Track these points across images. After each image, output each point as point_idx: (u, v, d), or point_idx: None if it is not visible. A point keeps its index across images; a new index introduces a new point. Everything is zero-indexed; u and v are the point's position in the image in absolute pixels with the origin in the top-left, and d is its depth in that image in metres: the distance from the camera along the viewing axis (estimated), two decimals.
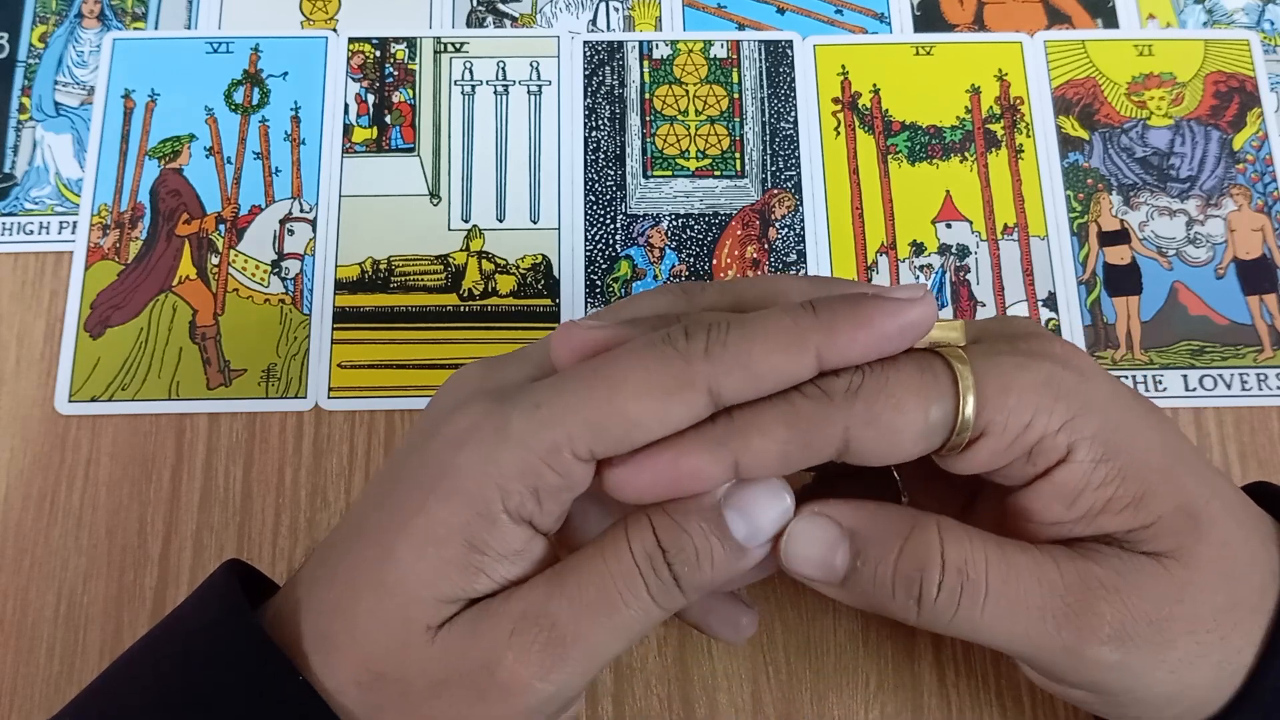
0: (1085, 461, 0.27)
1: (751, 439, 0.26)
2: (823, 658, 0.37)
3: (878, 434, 0.26)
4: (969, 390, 0.26)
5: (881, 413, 0.26)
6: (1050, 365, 0.27)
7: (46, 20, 0.46)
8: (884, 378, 0.27)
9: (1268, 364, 0.42)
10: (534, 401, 0.26)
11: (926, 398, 0.26)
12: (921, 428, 0.26)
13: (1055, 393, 0.27)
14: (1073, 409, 0.27)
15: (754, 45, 0.46)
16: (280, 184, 0.44)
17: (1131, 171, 0.44)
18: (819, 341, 0.26)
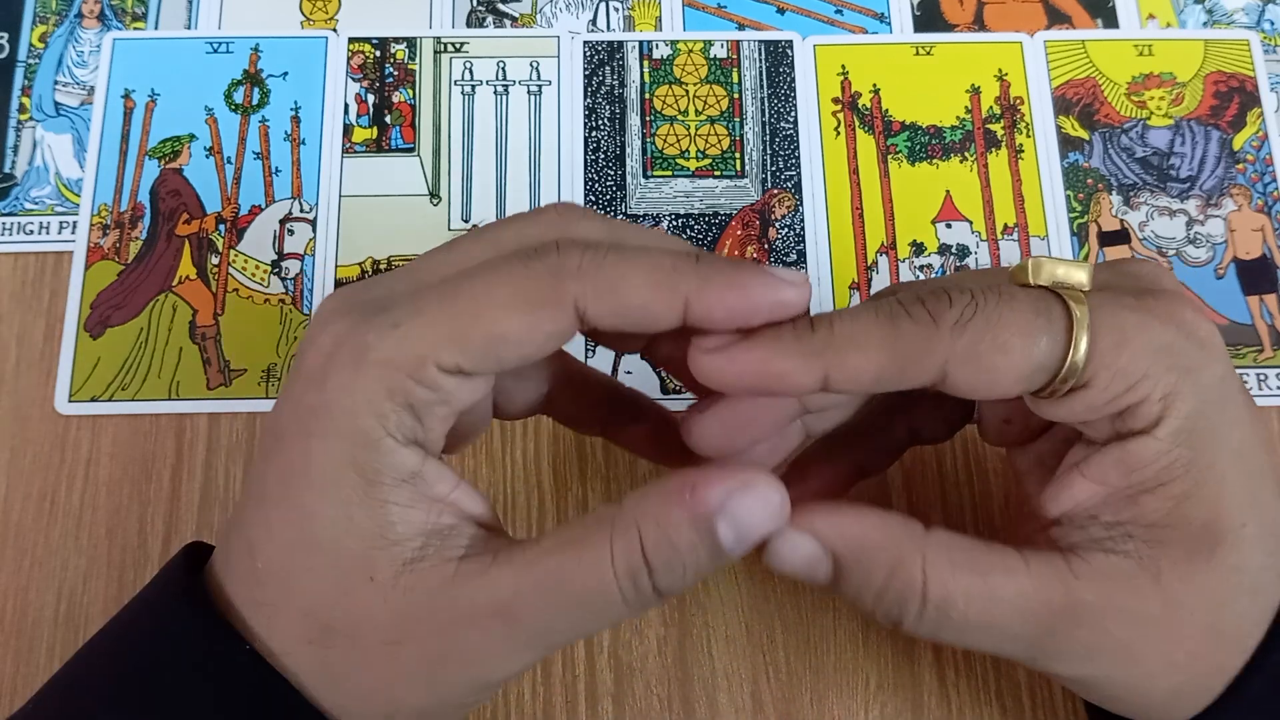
0: (1165, 439, 0.26)
1: (848, 355, 0.25)
2: (823, 658, 0.37)
3: (977, 371, 0.25)
4: (1081, 340, 0.25)
5: (985, 352, 0.25)
6: (1174, 331, 0.26)
7: (46, 20, 0.46)
8: (996, 314, 0.26)
9: (1268, 364, 0.41)
10: (392, 321, 0.25)
11: (1034, 341, 0.25)
12: (1024, 371, 0.25)
13: (1170, 361, 0.26)
14: (1181, 385, 0.26)
15: (754, 45, 0.46)
16: (280, 184, 0.44)
17: (1131, 171, 0.44)
18: (690, 290, 0.25)
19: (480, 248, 0.27)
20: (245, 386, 0.41)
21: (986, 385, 0.26)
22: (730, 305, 0.25)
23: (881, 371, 0.26)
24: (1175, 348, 0.26)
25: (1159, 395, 0.26)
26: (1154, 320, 0.26)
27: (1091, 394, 0.26)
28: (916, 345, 0.25)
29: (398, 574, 0.25)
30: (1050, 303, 0.26)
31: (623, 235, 0.27)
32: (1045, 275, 0.27)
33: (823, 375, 0.25)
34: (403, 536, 0.26)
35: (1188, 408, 0.26)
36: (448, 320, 0.25)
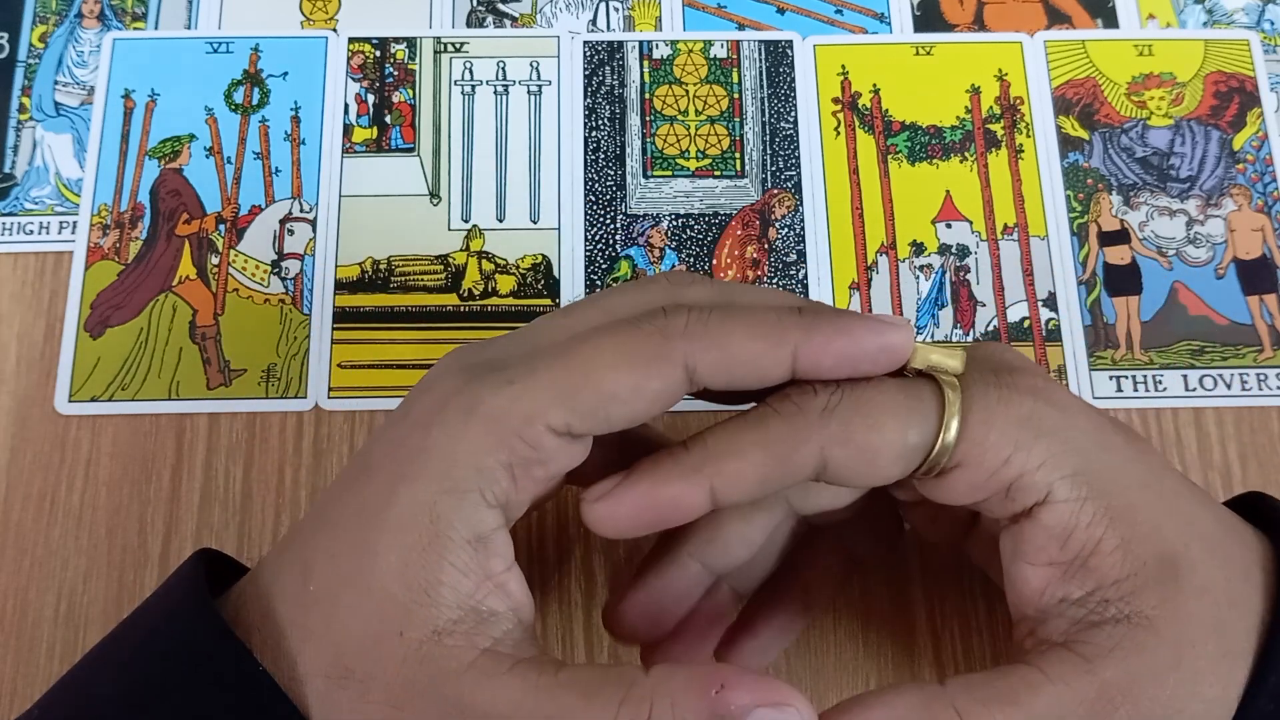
0: (1070, 500, 0.27)
1: (726, 463, 0.26)
2: (823, 658, 0.37)
3: (853, 453, 0.26)
4: (953, 418, 0.27)
5: (856, 432, 0.26)
6: (1032, 401, 0.27)
7: (46, 20, 0.46)
8: (863, 397, 0.27)
9: (1268, 364, 0.42)
10: (506, 378, 0.26)
11: (905, 421, 0.27)
12: (898, 450, 0.27)
13: (1035, 430, 0.27)
14: (1053, 448, 0.27)
15: (754, 45, 0.46)
16: (280, 184, 0.44)
17: (1131, 171, 0.44)
18: (798, 340, 0.26)
19: (593, 314, 0.28)
20: (245, 386, 0.41)
21: (866, 467, 0.27)
22: (838, 351, 0.26)
23: (763, 471, 0.26)
24: (1037, 415, 0.27)
25: (1036, 464, 0.27)
26: (1014, 394, 0.27)
27: (969, 472, 0.27)
28: (789, 436, 0.26)
29: (424, 639, 0.25)
30: (920, 385, 0.27)
31: (731, 295, 0.28)
32: (920, 360, 0.28)
33: (708, 489, 0.26)
34: (444, 601, 0.26)
35: (1073, 464, 0.27)
36: (560, 379, 0.26)
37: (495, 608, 0.26)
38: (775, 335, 0.26)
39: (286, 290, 0.42)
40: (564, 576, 0.38)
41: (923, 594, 0.37)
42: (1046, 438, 0.27)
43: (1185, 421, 0.41)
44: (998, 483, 0.27)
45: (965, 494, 0.28)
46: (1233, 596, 0.27)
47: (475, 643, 0.26)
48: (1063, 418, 0.28)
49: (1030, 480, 0.27)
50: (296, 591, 0.27)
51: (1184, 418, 0.41)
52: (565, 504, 0.39)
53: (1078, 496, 0.27)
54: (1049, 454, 0.27)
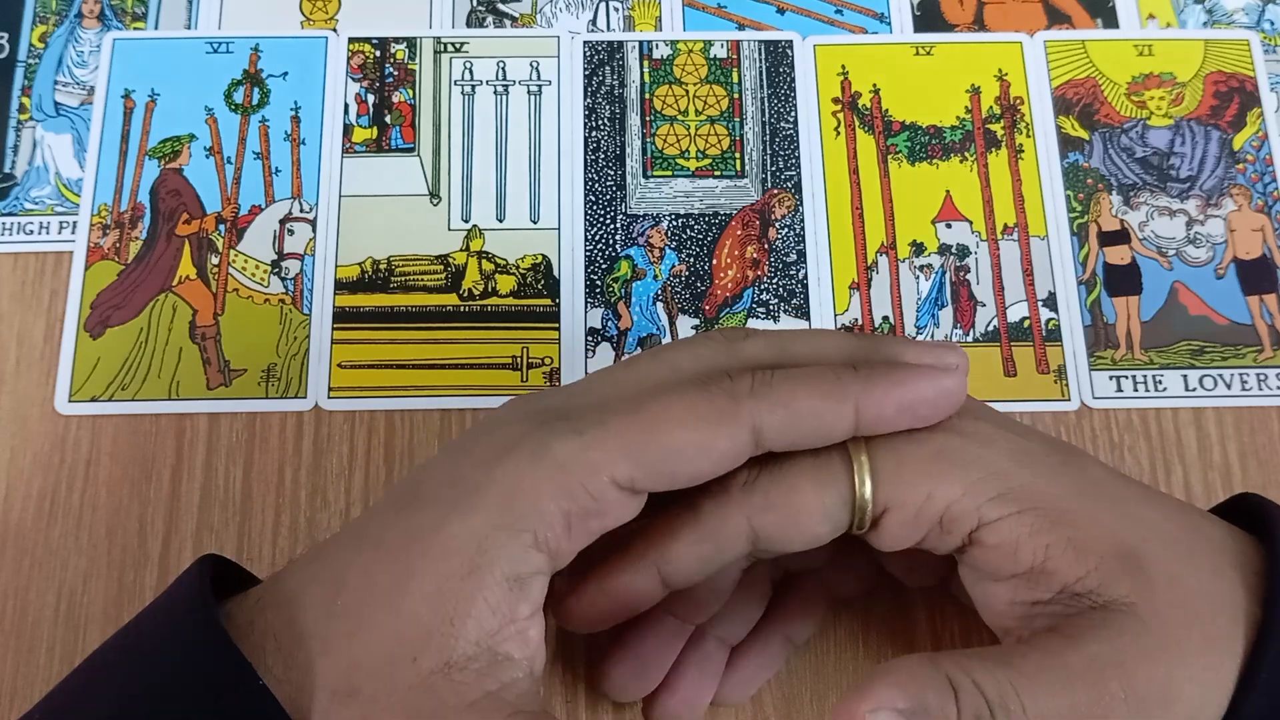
0: (1005, 517, 0.28)
1: (668, 548, 0.29)
2: (823, 658, 0.37)
3: (779, 519, 0.28)
4: (864, 469, 0.28)
5: (778, 499, 0.28)
6: (943, 436, 0.28)
7: (46, 20, 0.46)
8: (778, 468, 0.28)
9: (1268, 364, 0.42)
10: (575, 428, 0.27)
11: (821, 480, 0.28)
12: (821, 510, 0.28)
13: (949, 462, 0.28)
14: (971, 475, 0.28)
15: (754, 45, 0.46)
16: (280, 184, 0.44)
17: (1131, 171, 0.44)
18: (858, 393, 0.27)
19: (658, 369, 0.29)
20: (245, 386, 0.41)
21: (795, 530, 0.28)
22: (897, 402, 0.28)
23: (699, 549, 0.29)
24: (948, 449, 0.28)
25: (958, 493, 0.28)
26: (922, 434, 0.28)
27: (896, 515, 0.28)
28: (715, 513, 0.28)
29: (434, 670, 0.25)
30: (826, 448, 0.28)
31: (787, 347, 0.30)
32: None
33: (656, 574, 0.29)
34: (464, 635, 0.26)
35: (996, 487, 0.28)
36: (629, 434, 0.26)
37: (511, 653, 0.26)
38: (837, 393, 0.27)
39: (286, 290, 0.42)
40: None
41: (922, 594, 0.37)
42: (961, 468, 0.28)
43: (1185, 421, 0.41)
44: (927, 519, 0.28)
45: (903, 536, 0.28)
46: (1204, 591, 0.27)
47: (483, 684, 0.26)
48: (974, 446, 0.28)
49: (958, 509, 0.28)
50: (324, 603, 0.27)
51: (1184, 418, 0.41)
52: None
53: (1011, 513, 0.28)
54: (968, 482, 0.28)
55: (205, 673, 0.26)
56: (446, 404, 0.40)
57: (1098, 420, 0.41)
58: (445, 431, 0.40)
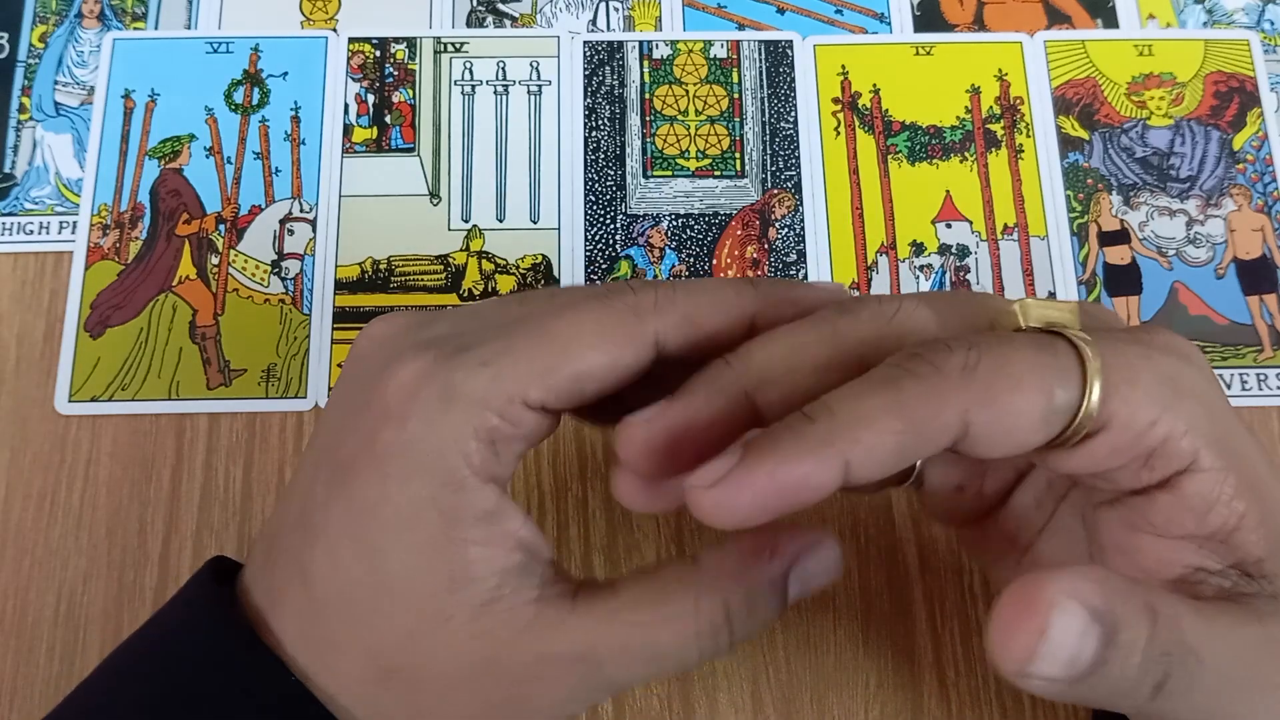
0: (1214, 469, 0.24)
1: (860, 434, 0.23)
2: (823, 658, 0.37)
3: (997, 416, 0.23)
4: (1096, 373, 0.24)
5: (1001, 392, 0.23)
6: (1176, 360, 0.25)
7: (46, 20, 0.46)
8: (1002, 354, 0.24)
9: (1268, 364, 0.42)
10: (479, 359, 0.26)
11: (1048, 377, 0.24)
12: (1044, 410, 0.24)
13: (1180, 390, 0.24)
14: (1197, 411, 0.24)
15: (754, 45, 0.46)
16: (280, 184, 0.44)
17: (1131, 171, 0.44)
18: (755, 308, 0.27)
19: (548, 293, 0.28)
20: (245, 386, 0.41)
21: (1009, 432, 0.24)
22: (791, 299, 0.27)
23: (901, 440, 0.23)
24: (1182, 375, 0.25)
25: (1183, 428, 0.24)
26: (1155, 352, 0.25)
27: (1113, 435, 0.24)
28: (929, 401, 0.23)
29: (475, 616, 0.25)
30: (1053, 340, 0.24)
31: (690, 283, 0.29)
32: (1036, 317, 0.26)
33: (842, 465, 0.23)
34: (480, 576, 0.26)
35: (1214, 431, 0.25)
36: (536, 359, 0.26)
37: (523, 560, 0.26)
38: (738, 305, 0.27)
39: (286, 290, 0.42)
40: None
41: (922, 594, 0.37)
42: (1190, 400, 0.24)
43: None
44: (1142, 447, 0.24)
45: (1105, 460, 0.25)
46: None
47: (524, 599, 0.26)
48: (1203, 379, 0.25)
49: (1176, 446, 0.24)
50: (300, 604, 0.27)
51: None
52: (564, 503, 0.39)
53: (1222, 466, 0.24)
54: (1194, 417, 0.24)
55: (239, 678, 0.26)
56: None
57: None
58: None
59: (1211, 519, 0.25)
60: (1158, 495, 0.25)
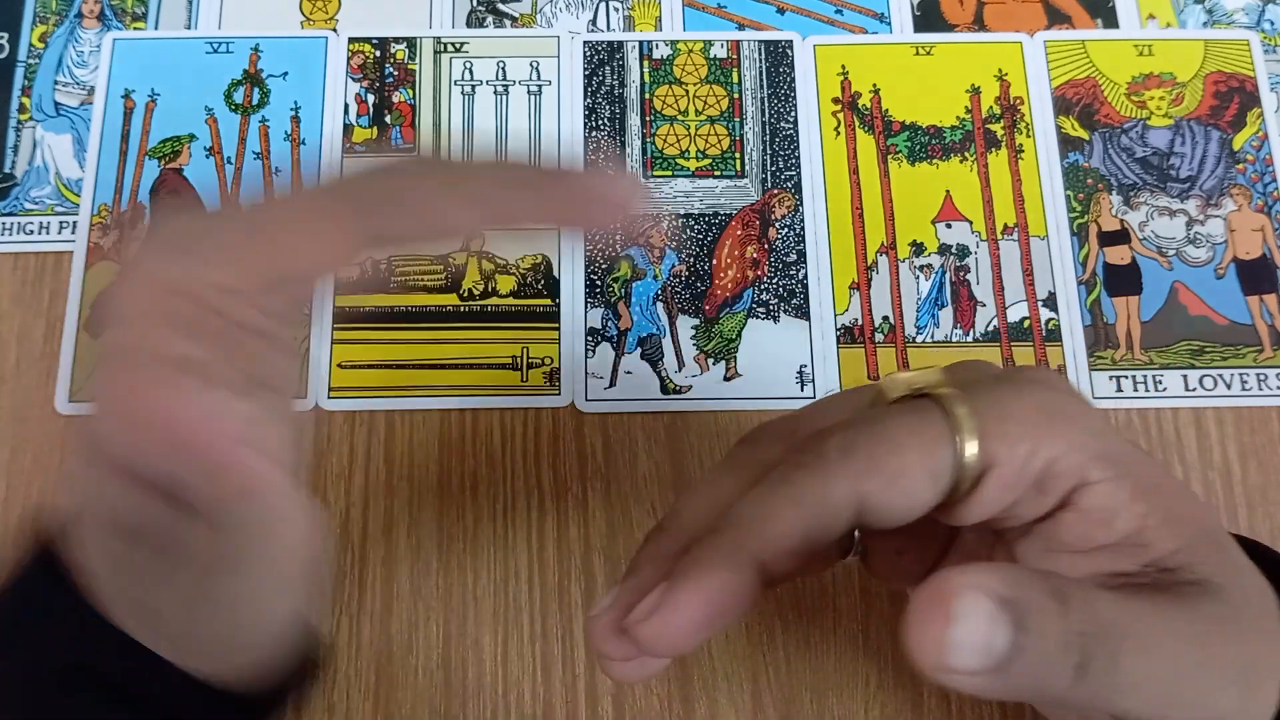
0: (1106, 480, 0.26)
1: (765, 531, 0.25)
2: (823, 657, 0.37)
3: (885, 484, 0.25)
4: (967, 420, 0.25)
5: (882, 460, 0.25)
6: (1044, 390, 0.27)
7: (46, 20, 0.46)
8: (877, 427, 0.26)
9: (1268, 364, 0.41)
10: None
11: (925, 437, 0.25)
12: (928, 468, 0.25)
13: (1052, 416, 0.26)
14: (1074, 432, 0.26)
15: (754, 45, 0.46)
16: (280, 184, 0.44)
17: (1131, 171, 0.44)
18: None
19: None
20: None
21: (902, 495, 0.25)
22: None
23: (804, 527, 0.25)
24: (1052, 403, 0.26)
25: (1063, 449, 0.26)
26: (1023, 387, 0.26)
27: (999, 472, 0.26)
28: (818, 485, 0.25)
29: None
30: (921, 403, 0.26)
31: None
32: (903, 386, 0.27)
33: (755, 565, 0.24)
34: None
35: (1097, 446, 0.26)
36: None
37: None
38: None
39: None
40: (564, 577, 0.38)
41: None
42: (1065, 423, 0.26)
43: (1185, 421, 0.41)
44: (1030, 476, 0.26)
45: (999, 497, 0.26)
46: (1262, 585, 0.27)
47: None
48: (1076, 404, 0.27)
49: (1062, 466, 0.26)
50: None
51: (1184, 418, 0.41)
52: (564, 503, 0.39)
53: (1113, 475, 0.26)
54: (1073, 438, 0.26)
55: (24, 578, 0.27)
56: (446, 404, 0.40)
57: None
58: (445, 431, 0.40)
59: (1118, 525, 0.26)
60: (1062, 516, 0.26)
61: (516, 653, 0.37)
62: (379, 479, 0.39)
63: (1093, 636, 0.23)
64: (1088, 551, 0.26)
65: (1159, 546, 0.26)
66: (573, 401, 0.40)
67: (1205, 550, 0.26)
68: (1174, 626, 0.24)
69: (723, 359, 0.41)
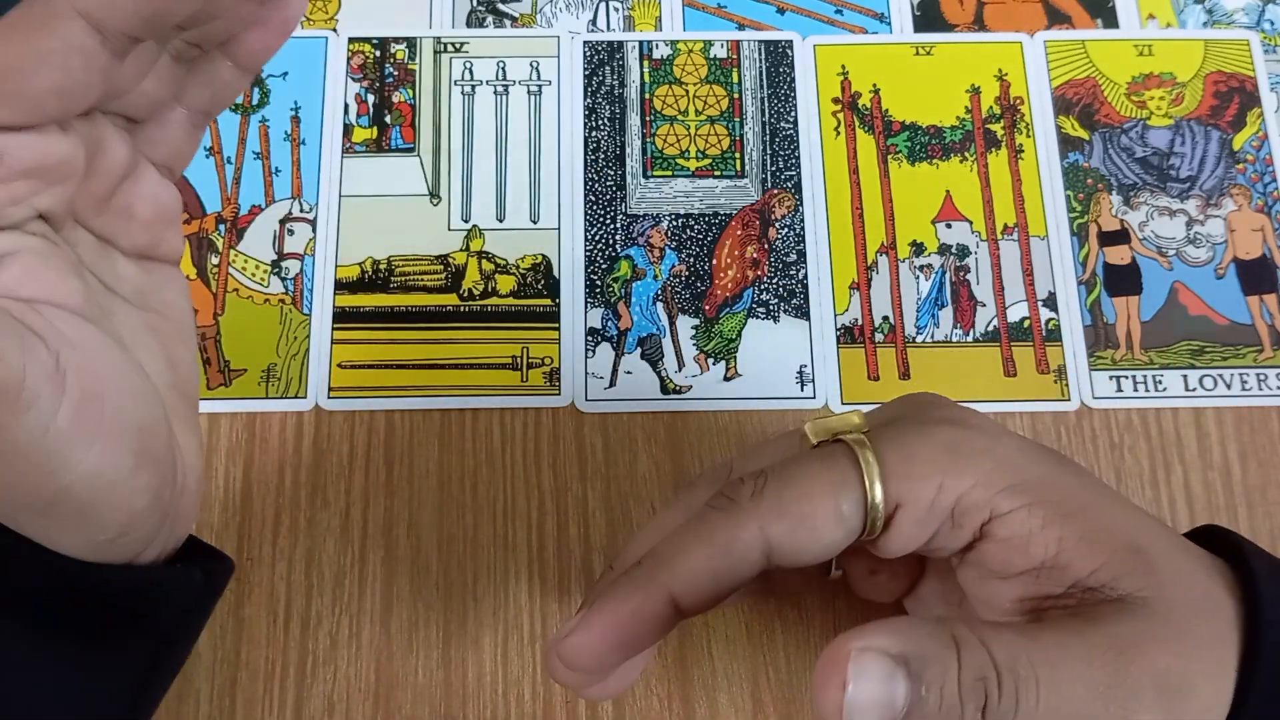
0: (1017, 509, 0.27)
1: (677, 565, 0.27)
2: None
3: (793, 527, 0.27)
4: (871, 466, 0.27)
5: (789, 504, 0.27)
6: (951, 428, 0.28)
7: None
8: (786, 474, 0.28)
9: (1268, 364, 0.41)
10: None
11: (831, 482, 0.27)
12: (835, 512, 0.27)
13: (958, 453, 0.27)
14: (982, 466, 0.27)
15: (754, 45, 0.46)
16: (280, 184, 0.44)
17: (1131, 171, 0.44)
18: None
19: None
20: (245, 386, 0.41)
21: (809, 538, 0.27)
22: None
23: (713, 564, 0.27)
24: (956, 440, 0.28)
25: (970, 484, 0.27)
26: (928, 427, 0.28)
27: (909, 511, 0.27)
28: (728, 527, 0.27)
29: None
30: (832, 449, 0.28)
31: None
32: (821, 431, 0.29)
33: (667, 594, 0.27)
34: None
35: (1007, 478, 0.27)
36: None
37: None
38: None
39: (286, 290, 0.42)
40: (564, 577, 0.38)
41: None
42: (972, 458, 0.27)
43: (1185, 421, 0.41)
44: (939, 512, 0.27)
45: (914, 534, 0.28)
46: (1204, 589, 0.27)
47: None
48: (981, 439, 0.28)
49: (970, 500, 0.27)
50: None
51: (1184, 418, 0.41)
52: (564, 503, 0.39)
53: (1024, 503, 0.27)
54: (980, 472, 0.27)
55: None
56: (446, 404, 0.40)
57: (1098, 420, 0.41)
58: (445, 431, 0.40)
59: (1034, 551, 0.27)
60: (981, 546, 0.28)
61: (516, 653, 0.37)
62: (379, 479, 0.39)
63: (991, 680, 0.24)
64: (1012, 577, 0.28)
65: (1078, 567, 0.27)
66: (573, 401, 0.40)
67: (1128, 565, 0.27)
68: (1082, 651, 0.25)
69: (723, 359, 0.41)
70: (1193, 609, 0.26)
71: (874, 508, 0.27)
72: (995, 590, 0.28)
